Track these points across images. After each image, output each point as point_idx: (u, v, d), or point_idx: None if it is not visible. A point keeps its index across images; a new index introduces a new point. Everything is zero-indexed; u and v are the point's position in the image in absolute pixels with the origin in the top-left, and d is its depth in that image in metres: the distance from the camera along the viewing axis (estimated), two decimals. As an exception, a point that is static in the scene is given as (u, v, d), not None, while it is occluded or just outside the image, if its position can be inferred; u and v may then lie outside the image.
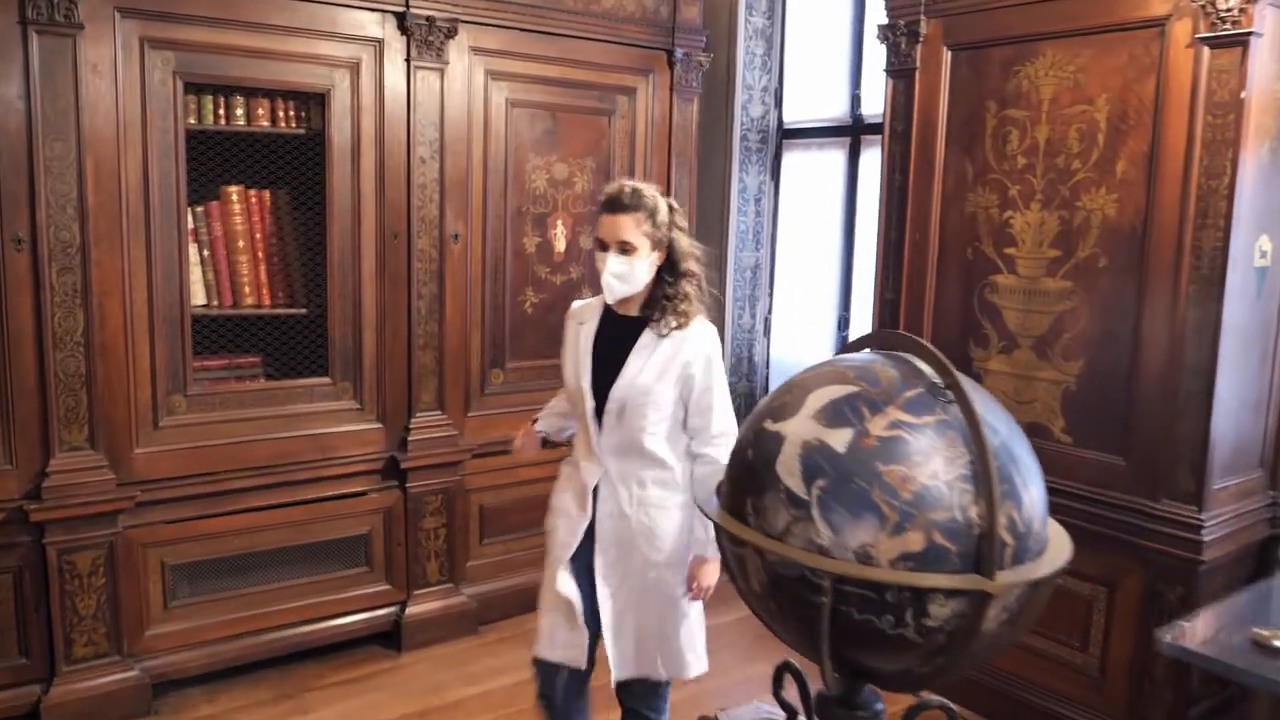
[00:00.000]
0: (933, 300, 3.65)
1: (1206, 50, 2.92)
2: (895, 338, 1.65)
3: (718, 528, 1.58)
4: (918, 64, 3.64)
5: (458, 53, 3.85)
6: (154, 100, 3.29)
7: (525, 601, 4.24)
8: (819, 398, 1.52)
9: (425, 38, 3.71)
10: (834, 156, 5.08)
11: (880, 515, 1.37)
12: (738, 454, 1.58)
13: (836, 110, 5.06)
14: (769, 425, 1.54)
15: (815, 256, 5.21)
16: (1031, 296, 3.38)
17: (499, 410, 4.17)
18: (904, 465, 1.39)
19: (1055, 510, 1.56)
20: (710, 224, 5.12)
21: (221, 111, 3.53)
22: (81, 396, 3.24)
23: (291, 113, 3.66)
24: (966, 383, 1.47)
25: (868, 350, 1.70)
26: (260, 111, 3.60)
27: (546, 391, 4.21)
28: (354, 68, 3.64)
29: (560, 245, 4.25)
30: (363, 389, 3.81)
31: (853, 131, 4.97)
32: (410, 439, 3.88)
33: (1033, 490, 1.46)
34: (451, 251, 3.93)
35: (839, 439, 1.43)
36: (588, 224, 4.31)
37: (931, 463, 1.39)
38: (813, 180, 5.22)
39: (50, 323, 3.16)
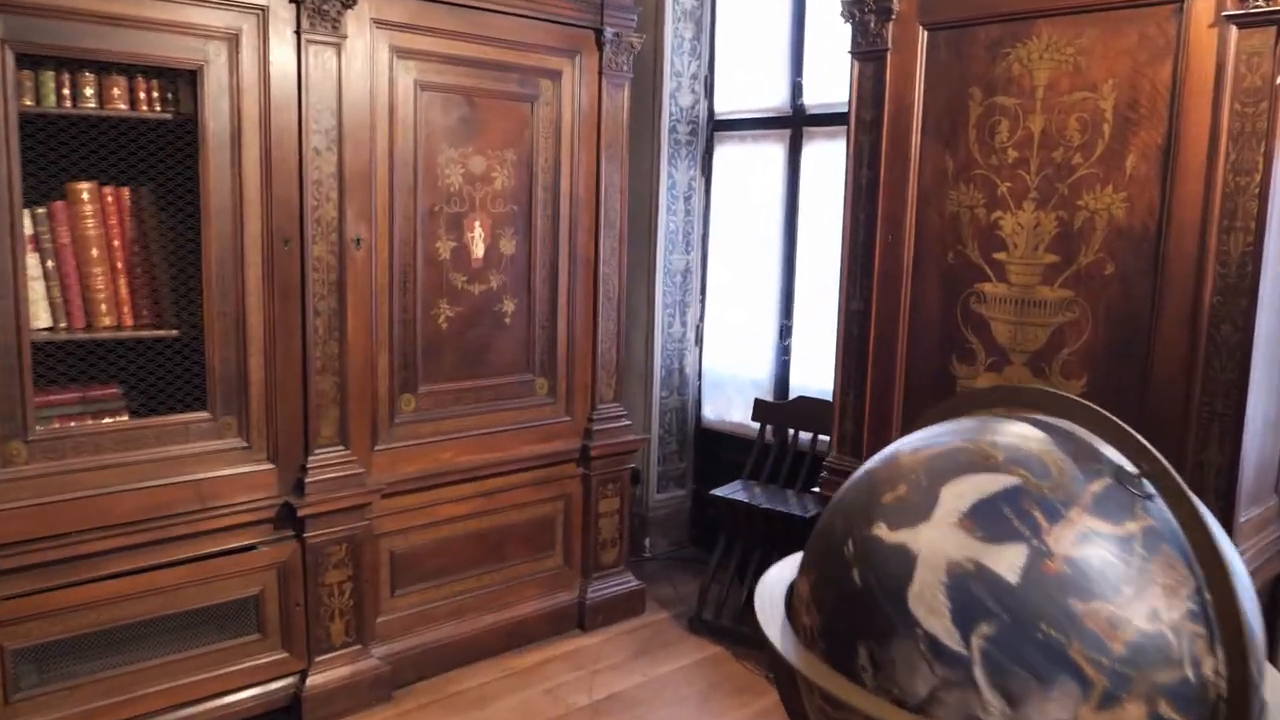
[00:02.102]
0: (908, 310, 3.24)
1: (1234, 30, 2.57)
2: (1031, 395, 1.19)
3: (792, 681, 1.10)
4: (889, 44, 3.21)
5: (357, 25, 3.27)
6: (-24, 75, 2.64)
7: (446, 659, 3.71)
8: (960, 494, 1.04)
9: (319, 6, 3.12)
10: (772, 150, 4.66)
11: (1082, 679, 0.91)
12: (835, 571, 1.10)
13: (774, 100, 4.63)
14: (883, 533, 1.06)
15: (751, 259, 4.78)
16: (1025, 307, 3.00)
17: (411, 442, 3.61)
18: (1109, 602, 0.93)
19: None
20: (637, 223, 4.63)
21: (67, 91, 2.88)
22: (-114, 448, 2.58)
23: (155, 94, 3.03)
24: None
25: (984, 414, 1.24)
26: (116, 92, 2.96)
27: (465, 418, 3.70)
28: (232, 40, 3.03)
29: (478, 250, 3.70)
30: (249, 424, 3.21)
31: (793, 123, 4.54)
32: (308, 480, 3.29)
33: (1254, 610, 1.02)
34: (353, 259, 3.35)
35: (1007, 561, 0.96)
36: (509, 225, 3.77)
37: (1147, 596, 0.94)
38: (747, 176, 4.79)
39: None
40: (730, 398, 4.92)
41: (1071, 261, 2.89)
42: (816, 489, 3.60)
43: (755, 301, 4.76)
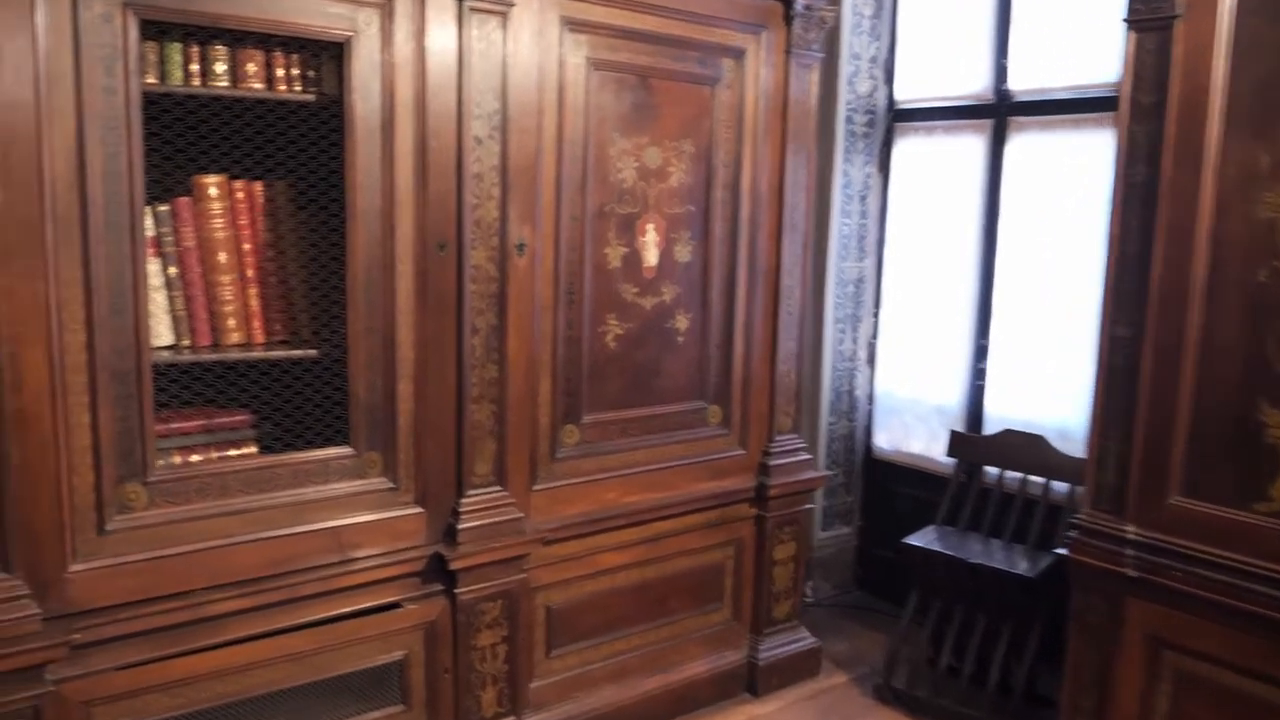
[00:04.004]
0: (1196, 339, 2.62)
1: None
2: None
3: None
4: (1178, 10, 2.60)
5: (525, -7, 2.78)
6: (91, 47, 2.18)
7: (607, 732, 3.19)
8: None
9: (483, -33, 2.63)
10: (967, 143, 4.04)
11: None
12: None
13: (972, 85, 4.02)
14: None
15: (938, 269, 4.17)
16: (1368, 338, 2.37)
17: (572, 480, 3.09)
18: None
19: None
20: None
21: (195, 67, 2.43)
22: (-16, 494, 2.14)
23: (295, 71, 2.56)
24: None
25: None
26: (251, 68, 2.49)
27: (631, 452, 3.18)
28: (385, 7, 2.55)
29: (651, 257, 3.18)
30: (396, 461, 2.72)
31: (997, 112, 3.93)
32: (460, 527, 2.80)
33: None
34: (515, 267, 2.85)
35: None
36: (685, 228, 3.24)
37: None
38: (934, 172, 4.18)
39: (-67, 384, 2.06)
40: (908, 425, 4.32)
41: None
42: (1059, 549, 2.99)
43: (942, 317, 4.15)
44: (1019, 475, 3.68)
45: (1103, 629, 2.78)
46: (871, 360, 4.44)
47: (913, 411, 4.30)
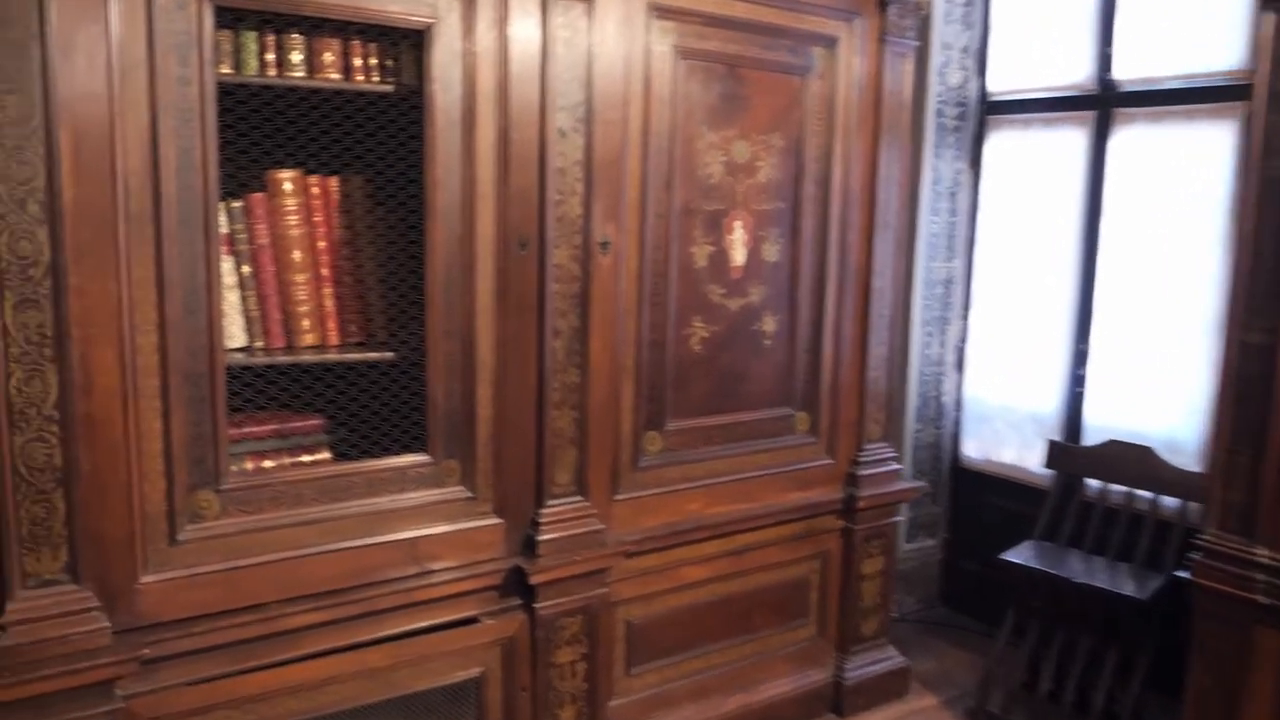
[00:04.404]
0: (1343, 347, 2.41)
1: None
2: None
3: None
4: (1322, -15, 2.39)
5: (610, -24, 2.64)
6: (165, 35, 2.08)
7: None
8: None
9: (569, -48, 2.50)
10: (1067, 136, 3.83)
11: None
12: None
13: (1073, 75, 3.80)
14: None
15: (1033, 270, 3.95)
16: None
17: (655, 490, 2.95)
18: None
19: None
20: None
21: (271, 56, 2.32)
22: (56, 503, 2.05)
23: (373, 60, 2.44)
24: None
25: None
26: (328, 57, 2.38)
27: (715, 460, 3.03)
28: (468, -8, 2.43)
29: (738, 256, 3.02)
30: (475, 469, 2.60)
31: (1100, 103, 3.71)
32: (540, 539, 2.67)
33: None
34: (599, 266, 2.71)
35: None
36: (773, 226, 3.08)
37: None
38: (1030, 167, 3.97)
39: (3, 387, 1.97)
40: (1000, 433, 4.11)
41: None
42: (1175, 571, 2.79)
43: (1037, 320, 3.93)
44: (1123, 489, 3.46)
45: (1229, 659, 2.57)
46: (960, 365, 4.24)
47: (1004, 419, 4.09)
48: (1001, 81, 4.08)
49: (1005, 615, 3.50)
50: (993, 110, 4.10)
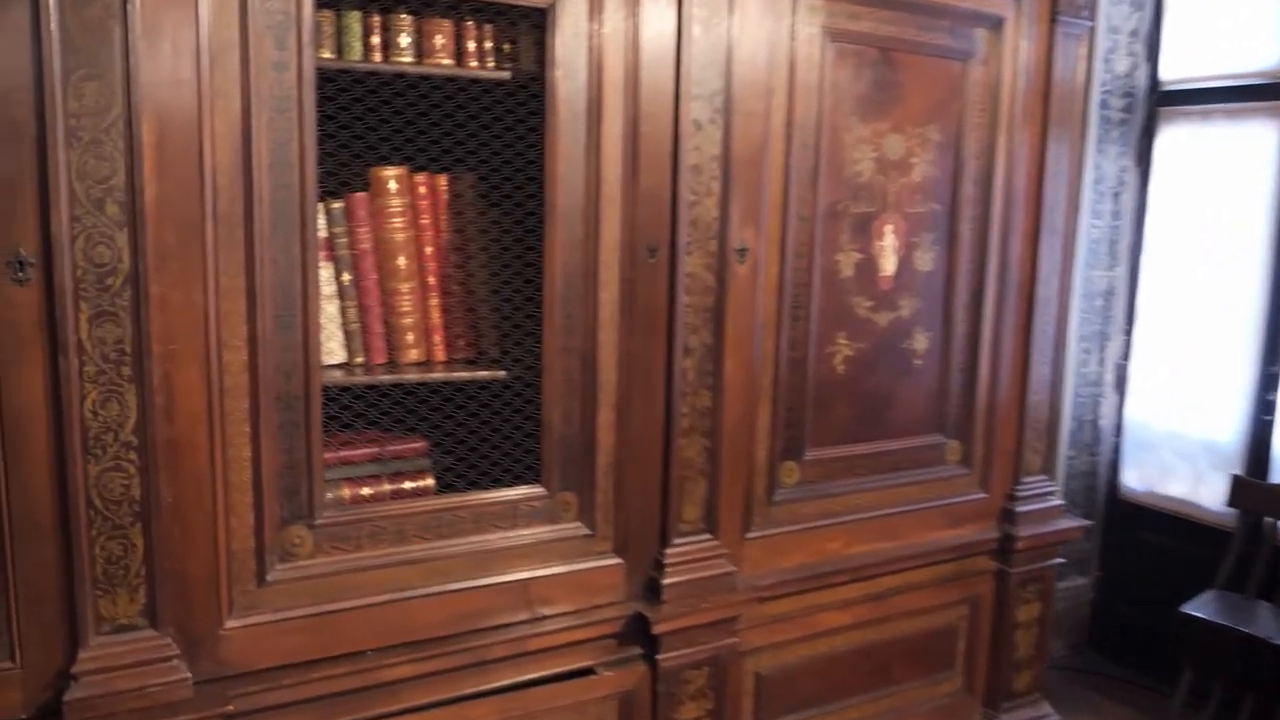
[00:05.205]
0: None
1: None
2: None
3: None
4: None
5: (753, -53, 2.32)
6: (260, 15, 1.84)
7: None
8: None
9: (710, -82, 2.19)
10: (1254, 131, 3.38)
11: None
12: None
13: (1263, 60, 3.35)
14: None
15: (1211, 282, 3.51)
16: None
17: (791, 527, 2.63)
18: None
19: None
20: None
21: (376, 39, 2.07)
22: (133, 539, 1.83)
23: (489, 43, 2.18)
24: None
25: None
26: (438, 40, 2.12)
27: (858, 494, 2.70)
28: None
29: (888, 264, 2.68)
30: (594, 504, 2.32)
31: (1297, 91, 3.26)
32: (665, 582, 2.37)
33: None
34: (735, 276, 2.40)
35: None
36: (928, 231, 2.73)
37: None
38: (1208, 165, 3.53)
39: (77, 410, 1.75)
40: (1166, 463, 3.67)
41: None
42: None
43: (1216, 337, 3.49)
44: (1326, 534, 3.02)
45: None
46: (1120, 385, 3.81)
47: (1172, 447, 3.65)
48: (1176, 69, 3.64)
49: (1169, 667, 3.09)
50: (1165, 101, 3.66)
